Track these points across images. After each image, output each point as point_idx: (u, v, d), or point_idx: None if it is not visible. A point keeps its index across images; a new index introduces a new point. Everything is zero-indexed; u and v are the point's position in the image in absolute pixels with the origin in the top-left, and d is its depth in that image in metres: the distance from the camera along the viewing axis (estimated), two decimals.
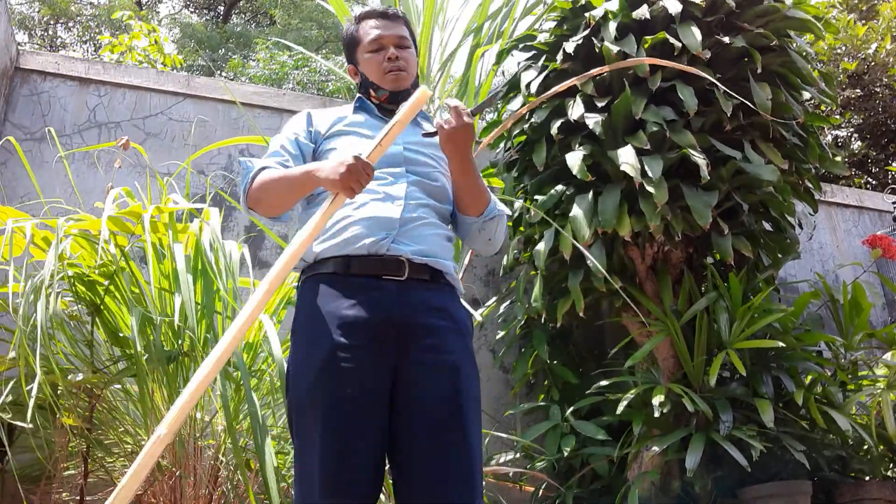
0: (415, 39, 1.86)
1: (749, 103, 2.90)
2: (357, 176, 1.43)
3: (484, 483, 3.20)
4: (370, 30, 1.79)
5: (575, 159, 3.07)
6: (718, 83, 2.76)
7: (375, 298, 1.51)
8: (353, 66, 1.84)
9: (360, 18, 1.82)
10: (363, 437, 1.44)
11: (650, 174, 2.92)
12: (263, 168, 1.64)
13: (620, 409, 3.03)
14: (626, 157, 2.96)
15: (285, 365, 1.62)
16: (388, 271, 1.53)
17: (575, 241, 2.92)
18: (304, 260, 1.62)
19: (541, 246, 3.19)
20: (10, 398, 2.28)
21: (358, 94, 1.85)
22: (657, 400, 2.95)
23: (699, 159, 2.91)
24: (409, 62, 1.78)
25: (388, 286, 1.52)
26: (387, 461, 1.53)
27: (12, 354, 2.22)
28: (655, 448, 2.99)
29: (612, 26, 3.15)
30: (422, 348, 1.51)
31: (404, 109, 1.54)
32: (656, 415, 2.94)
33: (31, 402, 1.97)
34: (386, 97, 1.77)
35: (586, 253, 2.89)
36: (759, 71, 3.09)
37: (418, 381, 1.49)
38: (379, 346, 1.49)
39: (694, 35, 3.00)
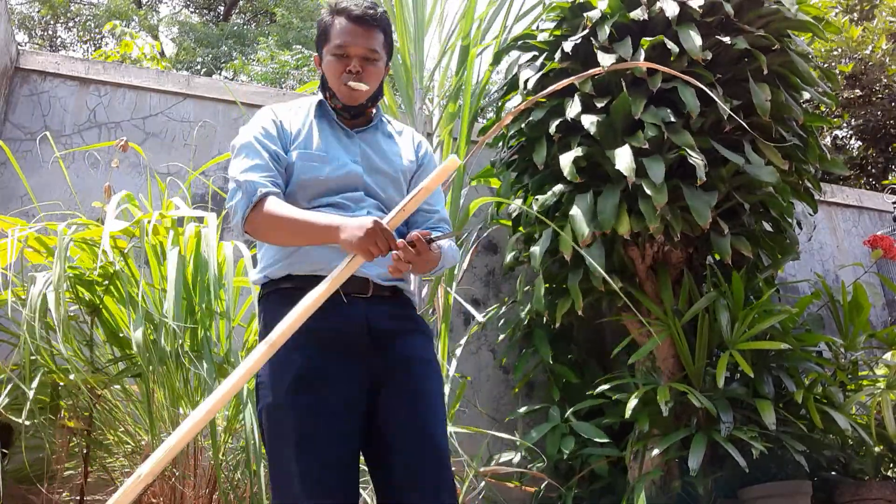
0: (390, 44, 1.77)
1: (733, 115, 2.88)
2: (375, 240, 1.43)
3: (484, 483, 3.21)
4: (340, 32, 1.68)
5: (566, 160, 3.07)
6: (716, 88, 2.75)
7: (346, 312, 1.58)
8: (319, 58, 1.76)
9: (337, 12, 1.70)
10: (340, 440, 1.50)
11: (651, 176, 2.92)
12: (268, 194, 1.58)
13: (629, 412, 3.02)
14: (623, 158, 2.96)
15: None
16: (355, 290, 1.59)
17: (574, 244, 2.92)
18: (268, 277, 1.65)
19: (536, 248, 3.19)
20: (10, 398, 2.28)
21: (319, 95, 1.78)
22: (663, 400, 2.95)
23: (697, 160, 2.91)
24: (372, 77, 1.70)
25: (356, 301, 1.60)
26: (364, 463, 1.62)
27: (14, 357, 2.23)
28: (656, 450, 2.99)
29: (608, 27, 3.14)
30: (393, 349, 1.61)
31: (431, 177, 1.49)
32: (665, 414, 2.93)
33: (28, 404, 1.97)
34: (340, 107, 1.73)
35: (585, 254, 2.89)
36: (765, 72, 3.08)
37: (393, 385, 1.59)
38: (352, 355, 1.56)
39: (693, 38, 2.99)
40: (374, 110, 1.79)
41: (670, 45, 3.01)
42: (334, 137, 1.73)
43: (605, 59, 3.04)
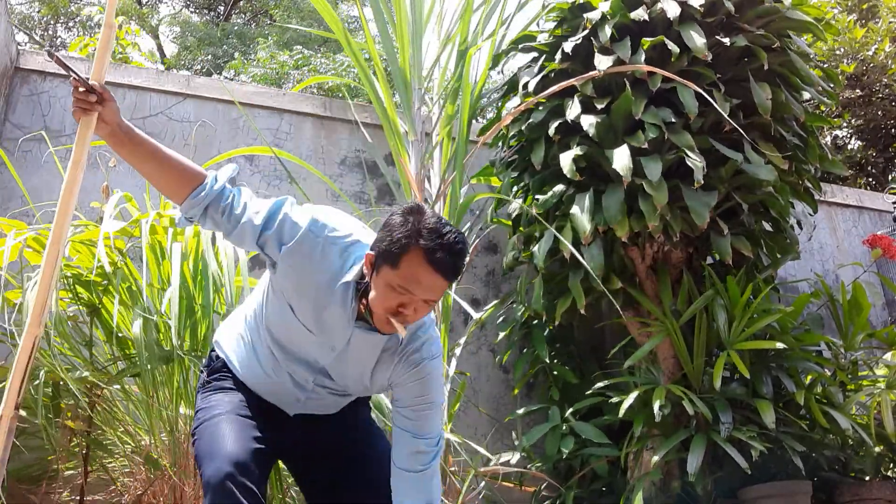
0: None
1: (728, 119, 2.88)
2: (74, 105, 1.53)
3: (484, 483, 3.21)
4: (414, 275, 1.41)
5: (566, 159, 3.07)
6: (717, 87, 2.74)
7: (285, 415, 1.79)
8: (373, 259, 1.47)
9: (422, 245, 1.40)
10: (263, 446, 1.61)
11: (649, 175, 2.92)
12: (223, 187, 1.58)
13: (623, 412, 3.02)
14: (620, 158, 2.96)
15: None
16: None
17: (571, 247, 2.91)
18: (226, 354, 1.79)
19: (539, 247, 3.19)
20: None
21: (353, 274, 1.52)
22: (657, 403, 2.95)
23: (695, 162, 2.91)
24: (419, 317, 1.50)
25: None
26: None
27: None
28: (656, 455, 2.98)
29: (609, 28, 3.14)
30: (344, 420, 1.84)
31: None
32: (658, 420, 2.93)
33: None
34: (370, 322, 1.54)
35: (580, 257, 2.89)
36: (765, 68, 3.08)
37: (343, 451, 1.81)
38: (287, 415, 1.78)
39: (696, 38, 2.99)
40: None
41: (671, 45, 3.01)
42: (336, 314, 1.56)
43: (603, 62, 3.03)
